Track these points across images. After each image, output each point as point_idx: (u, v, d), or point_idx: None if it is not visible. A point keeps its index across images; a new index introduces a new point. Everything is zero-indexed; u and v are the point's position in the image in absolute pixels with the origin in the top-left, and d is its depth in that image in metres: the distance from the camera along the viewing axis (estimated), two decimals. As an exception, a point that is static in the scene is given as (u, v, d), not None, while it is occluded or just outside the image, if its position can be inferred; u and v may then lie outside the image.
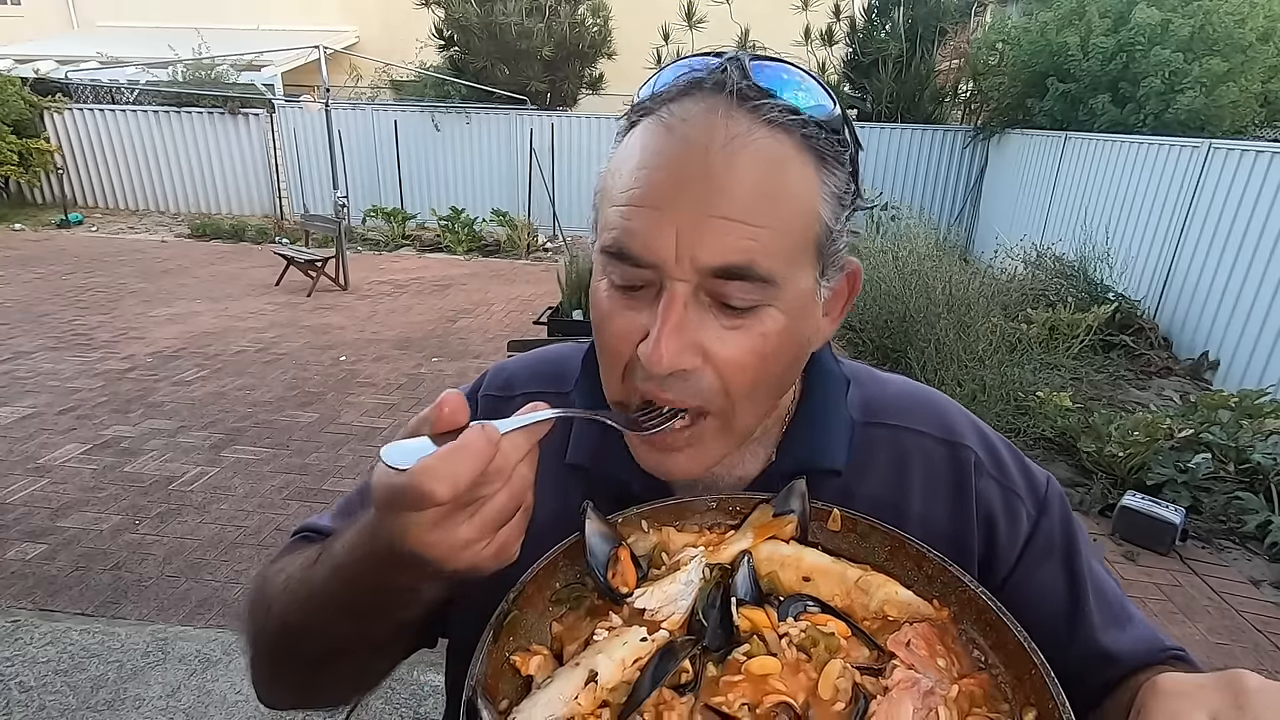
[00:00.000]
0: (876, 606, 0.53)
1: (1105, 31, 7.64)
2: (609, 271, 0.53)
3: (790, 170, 0.50)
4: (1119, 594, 0.66)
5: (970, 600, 0.52)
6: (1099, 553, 0.65)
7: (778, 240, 0.50)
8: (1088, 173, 7.53)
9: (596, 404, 0.65)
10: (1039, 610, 0.62)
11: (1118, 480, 3.88)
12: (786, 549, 0.55)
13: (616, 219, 0.52)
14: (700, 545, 0.56)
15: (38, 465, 3.84)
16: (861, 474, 0.65)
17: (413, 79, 13.47)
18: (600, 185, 0.57)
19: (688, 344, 0.50)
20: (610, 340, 0.54)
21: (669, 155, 0.50)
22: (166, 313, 6.91)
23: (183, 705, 2.32)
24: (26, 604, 2.78)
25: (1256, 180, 5.26)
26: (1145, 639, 0.64)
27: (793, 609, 0.53)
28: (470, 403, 0.70)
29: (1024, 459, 0.69)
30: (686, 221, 0.48)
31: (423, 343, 6.28)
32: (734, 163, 0.48)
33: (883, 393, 0.71)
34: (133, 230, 11.54)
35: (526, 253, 10.71)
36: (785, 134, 0.50)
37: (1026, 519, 0.65)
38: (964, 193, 11.11)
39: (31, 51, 14.25)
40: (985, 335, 4.70)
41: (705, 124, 0.50)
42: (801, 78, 0.53)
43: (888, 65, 11.14)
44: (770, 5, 12.17)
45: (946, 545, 0.62)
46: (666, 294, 0.50)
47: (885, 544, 0.57)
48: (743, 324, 0.51)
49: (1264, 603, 3.07)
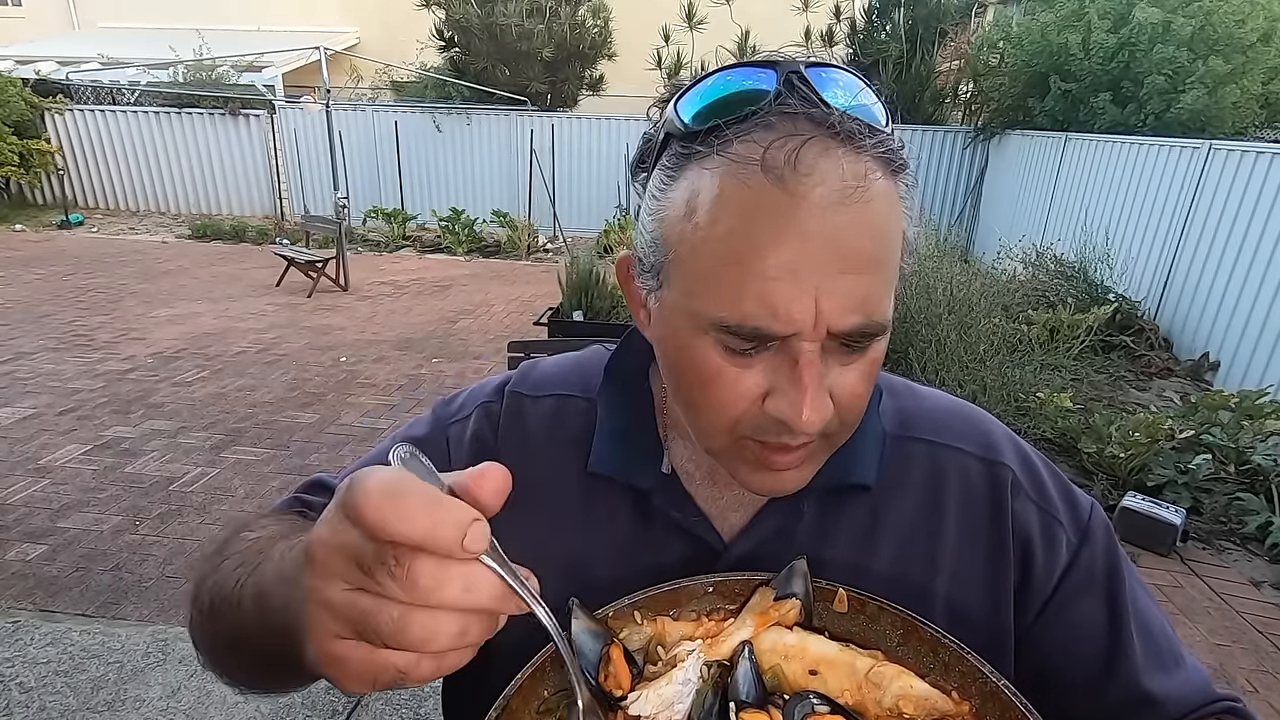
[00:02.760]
0: (891, 702, 0.49)
1: (1106, 30, 7.65)
2: (719, 338, 0.49)
3: (887, 202, 0.48)
4: (1168, 634, 0.62)
5: (992, 693, 0.48)
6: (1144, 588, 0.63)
7: (888, 282, 0.49)
8: (1088, 173, 7.53)
9: (626, 416, 0.65)
10: (1076, 646, 0.59)
11: (1118, 481, 3.88)
12: (790, 638, 0.52)
13: (729, 289, 0.47)
14: (698, 637, 0.53)
15: (38, 466, 3.84)
16: (893, 491, 0.62)
17: (413, 80, 13.49)
18: (665, 233, 0.51)
19: (826, 399, 0.49)
20: (723, 400, 0.51)
21: (787, 213, 0.45)
22: (167, 313, 6.91)
23: (183, 706, 2.32)
24: (27, 605, 2.78)
25: (1257, 181, 5.26)
26: (1196, 685, 0.59)
27: (799, 709, 0.48)
28: (496, 396, 0.70)
29: (1067, 483, 0.66)
30: (821, 288, 0.45)
31: (423, 344, 6.28)
32: (853, 213, 0.45)
33: (919, 406, 0.67)
34: (133, 231, 11.55)
35: (527, 253, 10.71)
36: (880, 164, 0.47)
37: (1066, 547, 0.61)
38: (964, 193, 11.11)
39: (32, 52, 14.26)
40: (986, 336, 4.70)
41: (822, 173, 0.45)
42: (860, 86, 0.50)
43: (888, 66, 11.14)
44: (771, 6, 12.18)
45: (981, 573, 0.60)
46: (802, 359, 0.47)
47: (898, 627, 0.52)
48: (857, 359, 0.50)
49: (1265, 604, 3.07)
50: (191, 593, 0.59)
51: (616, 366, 0.68)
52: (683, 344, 0.51)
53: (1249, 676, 2.64)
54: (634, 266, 0.57)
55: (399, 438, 0.70)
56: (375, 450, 0.70)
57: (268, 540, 0.55)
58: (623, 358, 0.68)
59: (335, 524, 0.35)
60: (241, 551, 0.56)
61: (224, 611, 0.53)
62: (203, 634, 0.59)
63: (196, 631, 0.59)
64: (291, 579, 0.43)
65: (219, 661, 0.59)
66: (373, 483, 0.33)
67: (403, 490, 0.33)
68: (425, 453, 0.67)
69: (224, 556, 0.58)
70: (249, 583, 0.50)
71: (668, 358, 0.55)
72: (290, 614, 0.43)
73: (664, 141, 0.52)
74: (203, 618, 0.57)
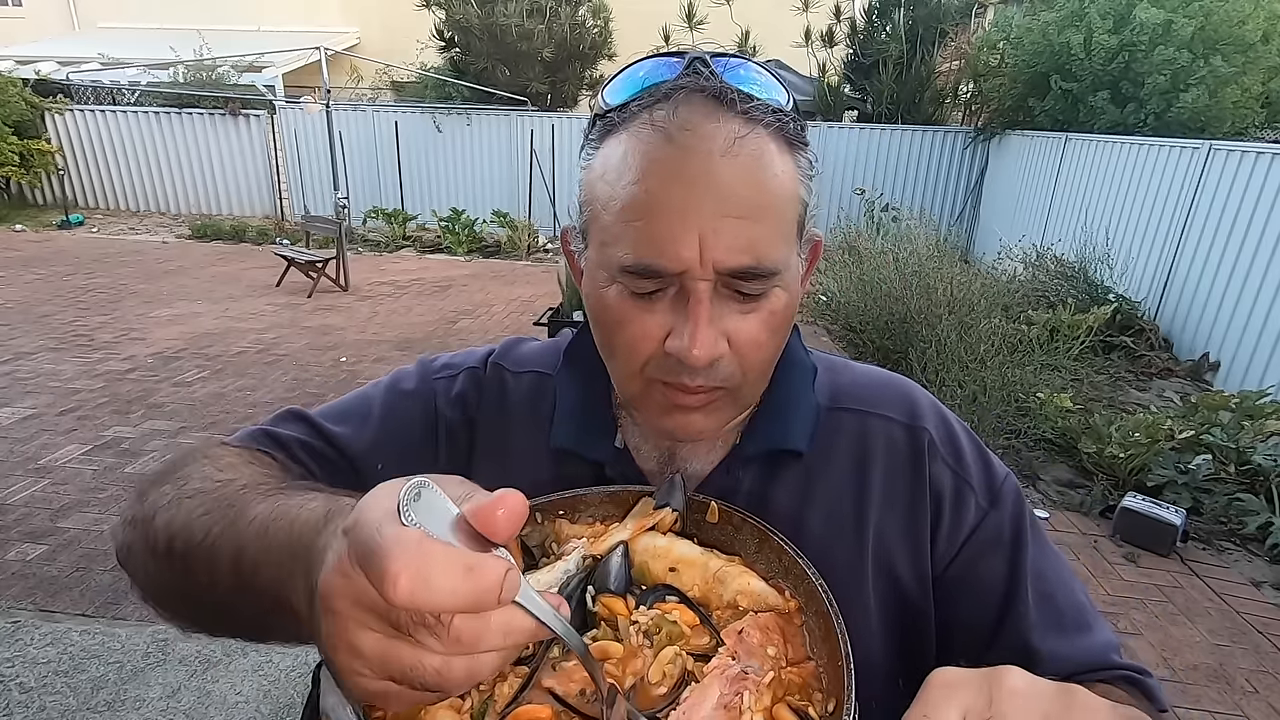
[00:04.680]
0: (730, 597, 0.55)
1: (1107, 31, 7.65)
2: (624, 282, 0.55)
3: (777, 162, 0.54)
4: (1080, 604, 0.64)
5: (812, 592, 0.53)
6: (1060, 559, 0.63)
7: (778, 231, 0.54)
8: (1088, 174, 7.53)
9: (581, 394, 0.70)
10: (974, 601, 0.63)
11: (1118, 481, 3.88)
12: (661, 540, 0.58)
13: (630, 234, 0.53)
14: (586, 536, 0.58)
15: (38, 466, 3.84)
16: (824, 457, 0.66)
17: (413, 80, 13.49)
18: (587, 195, 0.58)
19: (717, 336, 0.54)
20: (630, 341, 0.56)
21: (676, 164, 0.51)
22: (167, 313, 6.91)
23: (183, 706, 2.32)
24: (27, 605, 2.78)
25: (1257, 181, 5.26)
26: (1093, 650, 0.61)
27: (651, 598, 0.54)
28: (481, 364, 0.73)
29: (985, 450, 0.69)
30: (706, 228, 0.51)
31: (423, 344, 6.28)
32: (736, 165, 0.51)
33: (852, 379, 0.72)
34: (134, 231, 11.55)
35: (527, 254, 10.72)
36: (765, 128, 0.54)
37: (975, 510, 0.65)
38: (964, 194, 11.11)
39: (33, 52, 14.28)
40: (986, 336, 4.70)
41: (706, 130, 0.52)
42: (759, 71, 0.56)
43: (888, 66, 11.14)
44: (770, 6, 12.18)
45: (903, 528, 0.64)
46: (693, 296, 0.53)
47: (755, 536, 0.58)
48: (754, 307, 0.55)
49: (1265, 604, 3.07)
50: (138, 517, 0.57)
51: (575, 348, 0.72)
52: (599, 294, 0.57)
53: (1249, 676, 2.64)
54: (570, 234, 0.64)
55: (384, 386, 0.75)
56: (364, 391, 0.75)
57: (239, 491, 0.53)
58: (581, 340, 0.71)
59: (354, 578, 0.34)
60: (206, 494, 0.55)
61: (191, 564, 0.51)
62: (152, 574, 0.57)
63: (141, 568, 0.57)
64: (287, 569, 0.42)
65: (168, 605, 0.57)
66: (394, 564, 0.32)
67: (429, 568, 0.32)
68: (412, 403, 0.71)
69: (181, 488, 0.56)
70: (224, 543, 0.49)
71: (591, 312, 0.60)
72: (286, 595, 0.42)
73: (593, 122, 0.59)
74: (155, 558, 0.55)
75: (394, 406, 0.72)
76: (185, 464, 0.60)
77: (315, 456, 0.68)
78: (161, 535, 0.54)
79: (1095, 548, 3.43)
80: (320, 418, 0.71)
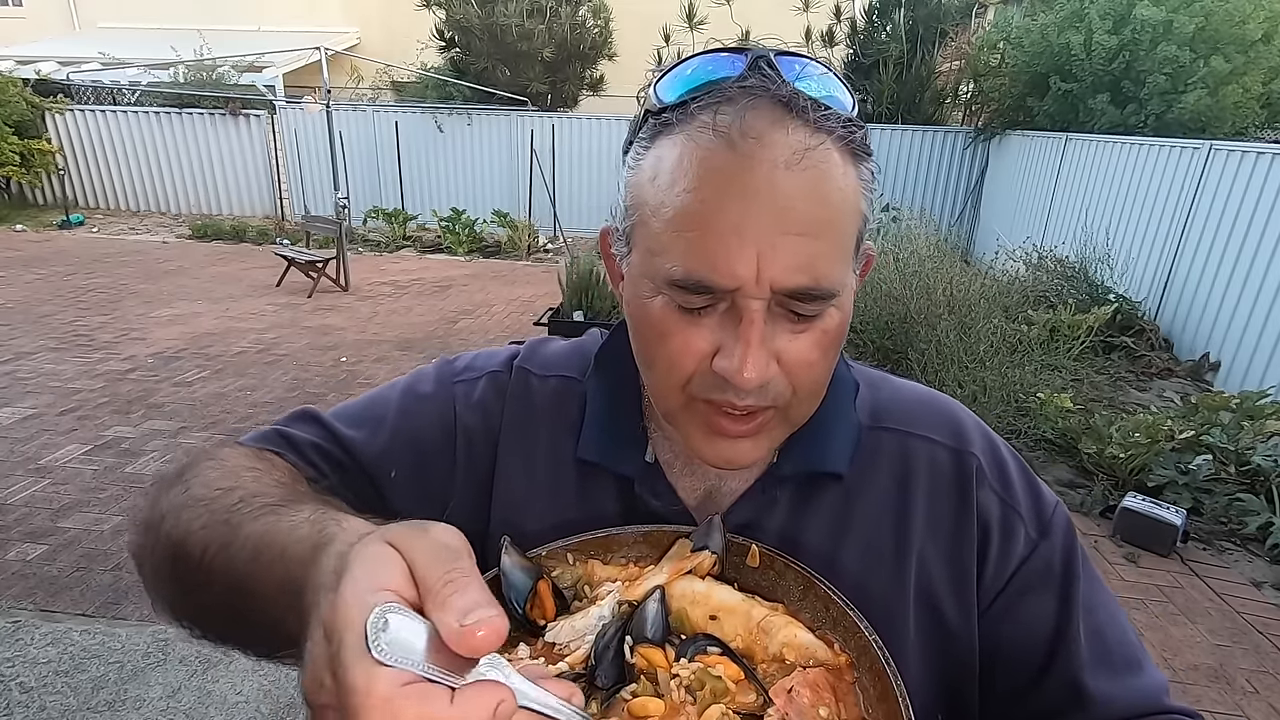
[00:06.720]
0: (776, 649, 0.52)
1: (1107, 31, 7.65)
2: (671, 295, 0.51)
3: (841, 176, 0.50)
4: (1128, 642, 0.62)
5: (865, 647, 0.50)
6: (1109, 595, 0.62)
7: (838, 248, 0.51)
8: (1088, 174, 7.53)
9: (612, 402, 0.66)
10: (1024, 637, 0.61)
11: (1118, 482, 3.88)
12: (699, 585, 0.55)
13: (681, 245, 0.49)
14: (620, 579, 0.56)
15: (39, 466, 3.84)
16: (864, 479, 0.63)
17: (414, 80, 13.49)
18: (635, 198, 0.54)
19: (768, 358, 0.51)
20: (673, 356, 0.53)
21: (736, 174, 0.48)
22: (167, 313, 6.92)
23: (183, 706, 2.32)
24: (27, 605, 2.78)
25: (1257, 182, 5.26)
26: (1143, 692, 0.59)
27: (691, 649, 0.51)
28: (505, 368, 0.70)
29: (1034, 477, 0.67)
30: (764, 245, 0.48)
31: (424, 344, 6.28)
32: (801, 178, 0.48)
33: (893, 397, 0.68)
34: (134, 231, 11.55)
35: (527, 254, 10.72)
36: (832, 138, 0.50)
37: (1025, 541, 0.62)
38: (965, 194, 11.11)
39: (33, 52, 14.29)
40: (986, 336, 4.70)
41: (772, 139, 0.48)
42: (826, 74, 0.53)
43: (888, 66, 11.14)
44: (771, 6, 12.16)
45: (947, 556, 0.61)
46: (745, 315, 0.49)
47: (799, 583, 0.56)
48: (807, 326, 0.52)
49: (1265, 604, 3.07)
50: (148, 522, 0.56)
51: (606, 354, 0.68)
52: (642, 304, 0.54)
53: (1249, 677, 2.64)
54: (611, 235, 0.60)
55: (401, 388, 0.70)
56: (381, 391, 0.70)
57: (234, 505, 0.52)
58: (613, 346, 0.68)
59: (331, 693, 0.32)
60: (205, 504, 0.53)
61: (194, 580, 0.51)
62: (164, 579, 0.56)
63: (151, 574, 0.57)
64: (282, 604, 0.41)
65: (180, 614, 0.56)
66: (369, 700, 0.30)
67: (401, 712, 0.30)
68: (429, 408, 0.67)
69: (185, 495, 0.55)
70: (219, 564, 0.48)
71: (632, 321, 0.57)
72: (281, 625, 0.41)
73: (643, 119, 0.55)
74: (161, 569, 0.55)
75: (409, 411, 0.68)
76: (194, 466, 0.59)
77: (327, 459, 0.66)
78: (164, 546, 0.54)
79: (1096, 548, 3.43)
80: (334, 420, 0.68)
